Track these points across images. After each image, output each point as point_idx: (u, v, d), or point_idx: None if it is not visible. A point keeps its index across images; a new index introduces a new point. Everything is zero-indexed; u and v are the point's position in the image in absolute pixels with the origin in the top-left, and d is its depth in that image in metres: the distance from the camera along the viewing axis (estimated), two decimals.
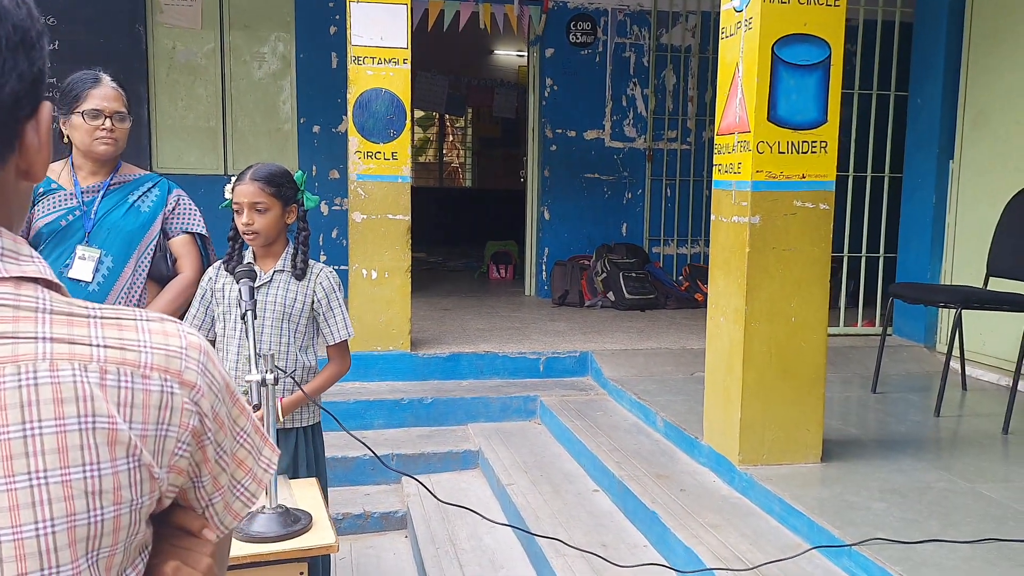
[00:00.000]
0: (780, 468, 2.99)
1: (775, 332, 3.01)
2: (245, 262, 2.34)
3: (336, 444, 3.80)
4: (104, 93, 2.29)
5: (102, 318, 0.66)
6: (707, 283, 6.59)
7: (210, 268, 2.43)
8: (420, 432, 4.26)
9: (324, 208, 6.55)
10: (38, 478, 0.60)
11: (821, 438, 3.08)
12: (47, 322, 0.63)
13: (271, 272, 2.36)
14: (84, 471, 0.62)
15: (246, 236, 2.31)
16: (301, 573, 2.02)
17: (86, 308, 0.66)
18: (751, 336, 2.99)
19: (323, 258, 6.44)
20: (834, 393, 4.11)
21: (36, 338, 0.62)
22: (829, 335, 3.13)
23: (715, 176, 3.22)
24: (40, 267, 0.66)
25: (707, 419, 3.28)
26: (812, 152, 3.00)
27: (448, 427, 4.34)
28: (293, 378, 2.30)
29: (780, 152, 2.96)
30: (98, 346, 0.64)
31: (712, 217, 3.23)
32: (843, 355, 4.84)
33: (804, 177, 2.99)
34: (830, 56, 2.97)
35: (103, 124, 2.28)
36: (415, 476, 3.09)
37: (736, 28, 3.06)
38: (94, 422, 0.62)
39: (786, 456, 3.04)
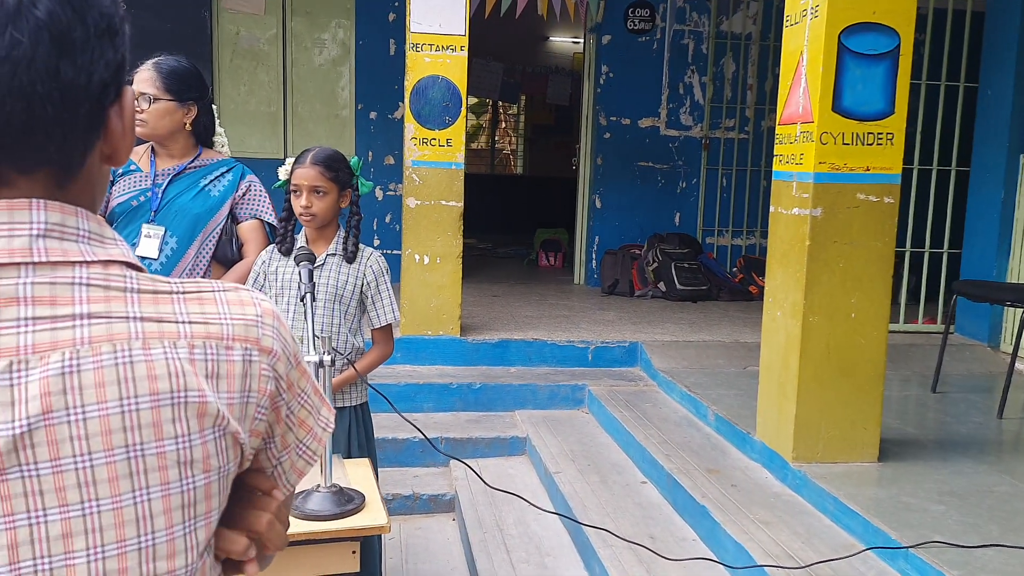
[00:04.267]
0: (835, 466, 2.94)
1: (834, 328, 2.95)
2: (299, 245, 2.37)
3: (386, 426, 3.84)
4: (138, 76, 2.33)
5: (184, 293, 0.69)
6: (762, 275, 6.50)
7: (264, 251, 2.47)
8: (468, 417, 4.29)
9: (379, 193, 6.61)
10: (135, 451, 0.63)
11: (878, 437, 3.01)
12: (136, 301, 0.65)
13: (323, 255, 2.40)
14: (176, 443, 0.65)
15: (302, 218, 2.35)
16: (353, 552, 2.06)
17: (169, 285, 0.69)
18: (809, 331, 2.94)
19: (376, 243, 6.50)
20: (892, 391, 4.01)
21: (127, 318, 0.64)
22: (888, 331, 3.05)
23: (775, 166, 3.16)
24: (123, 250, 0.68)
25: (760, 414, 3.24)
26: (878, 144, 2.92)
27: (496, 413, 4.36)
28: (348, 359, 2.33)
29: (844, 143, 2.89)
30: (184, 322, 0.67)
31: (771, 208, 3.18)
32: (902, 353, 4.72)
33: (869, 169, 2.92)
34: (899, 46, 2.89)
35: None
36: (464, 460, 3.12)
37: (801, 16, 2.99)
38: (185, 396, 0.65)
39: (841, 454, 2.98)
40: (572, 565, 2.96)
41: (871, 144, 2.92)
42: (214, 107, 2.58)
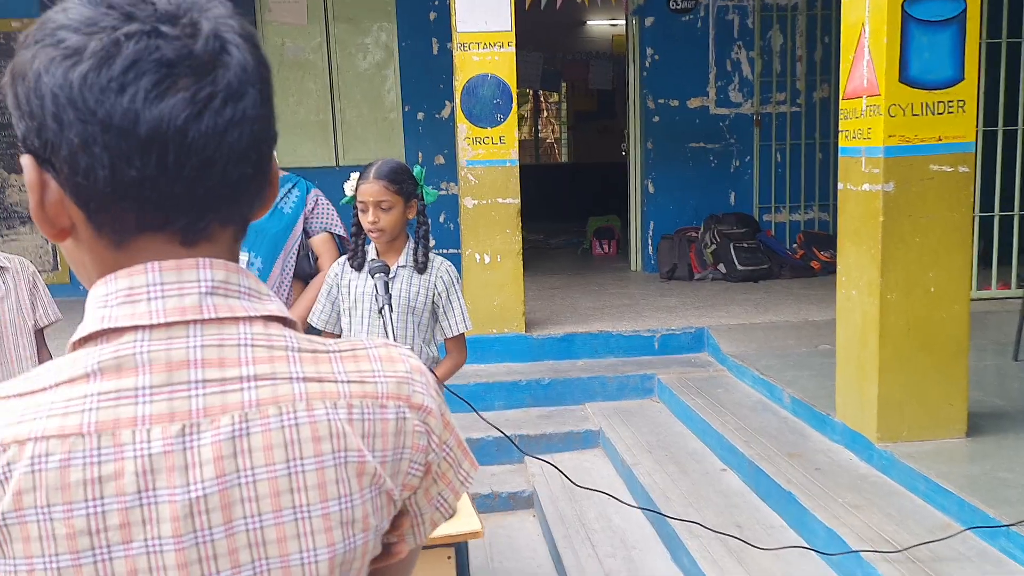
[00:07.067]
0: (922, 444, 2.87)
1: (912, 304, 2.88)
2: (370, 258, 2.39)
3: (460, 426, 3.85)
4: None
5: (339, 351, 0.70)
6: (823, 250, 6.38)
7: (335, 264, 2.49)
8: (539, 412, 4.30)
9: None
10: (302, 512, 0.64)
11: (966, 412, 2.94)
12: (298, 361, 0.66)
13: (395, 267, 2.40)
14: (340, 503, 0.66)
15: (371, 234, 2.35)
16: (448, 557, 2.08)
17: (325, 345, 0.70)
18: (887, 309, 2.88)
19: (432, 243, 6.52)
20: (971, 361, 3.86)
21: (291, 379, 0.65)
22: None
23: (841, 143, 3.10)
24: (279, 305, 0.69)
25: (840, 395, 3.19)
26: (949, 112, 2.84)
27: (566, 407, 4.36)
28: (430, 368, 2.35)
29: (914, 114, 2.82)
30: (343, 382, 0.67)
31: (839, 186, 3.11)
32: (978, 321, 4.55)
33: (941, 139, 2.84)
34: (966, 9, 2.80)
35: None
36: (543, 458, 3.13)
37: None
38: (346, 457, 0.66)
39: (928, 432, 2.92)
40: (659, 557, 2.95)
41: (942, 113, 2.84)
42: None
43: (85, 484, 0.59)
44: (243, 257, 2.40)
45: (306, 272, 2.53)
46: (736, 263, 6.25)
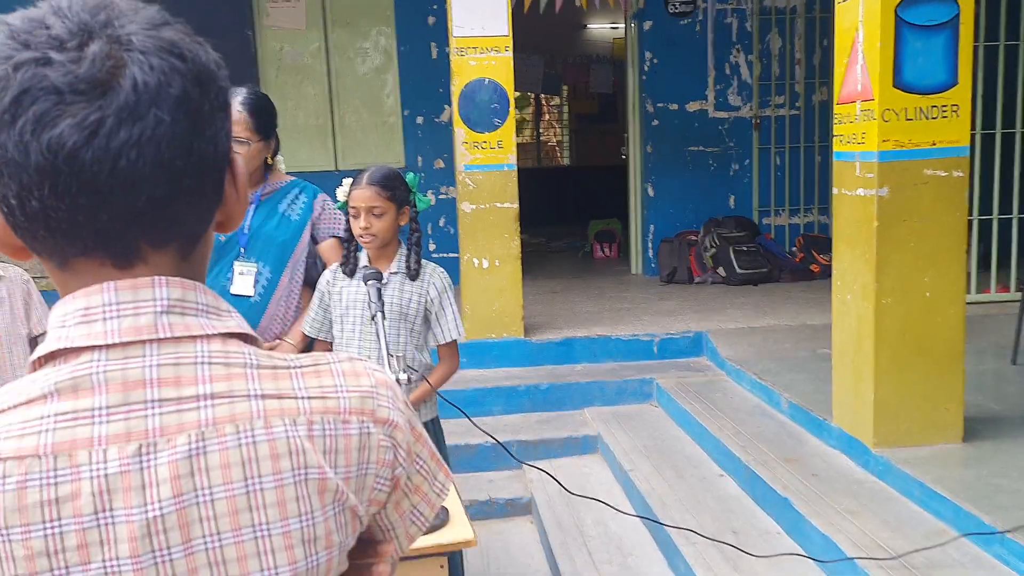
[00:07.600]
0: (919, 450, 2.87)
1: (908, 308, 2.88)
2: (361, 264, 2.38)
3: (457, 432, 3.86)
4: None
5: (301, 367, 0.69)
6: (822, 253, 6.37)
7: (326, 271, 2.47)
8: (538, 417, 4.30)
9: (431, 197, 6.64)
10: (261, 530, 0.64)
11: (962, 417, 2.94)
12: (256, 378, 0.66)
13: (387, 274, 2.39)
14: (301, 521, 0.65)
15: (362, 239, 2.34)
16: (441, 566, 2.08)
17: (286, 360, 0.69)
18: (882, 313, 2.88)
19: (432, 247, 6.55)
20: (970, 366, 3.84)
21: (249, 396, 0.65)
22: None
23: (836, 147, 3.10)
24: (239, 321, 0.69)
25: (836, 400, 3.18)
26: (943, 117, 2.84)
27: (565, 412, 4.36)
28: (424, 376, 2.35)
29: (908, 119, 2.82)
30: (303, 398, 0.67)
31: (835, 190, 3.11)
32: (976, 324, 4.56)
33: (935, 144, 2.84)
34: (959, 14, 2.80)
35: None
36: (539, 466, 3.13)
37: None
38: (306, 474, 0.65)
39: (924, 437, 2.91)
40: (655, 563, 2.95)
41: (936, 118, 2.84)
42: None
43: (42, 505, 0.59)
44: (251, 267, 2.37)
45: (314, 279, 2.50)
46: (736, 267, 6.24)
